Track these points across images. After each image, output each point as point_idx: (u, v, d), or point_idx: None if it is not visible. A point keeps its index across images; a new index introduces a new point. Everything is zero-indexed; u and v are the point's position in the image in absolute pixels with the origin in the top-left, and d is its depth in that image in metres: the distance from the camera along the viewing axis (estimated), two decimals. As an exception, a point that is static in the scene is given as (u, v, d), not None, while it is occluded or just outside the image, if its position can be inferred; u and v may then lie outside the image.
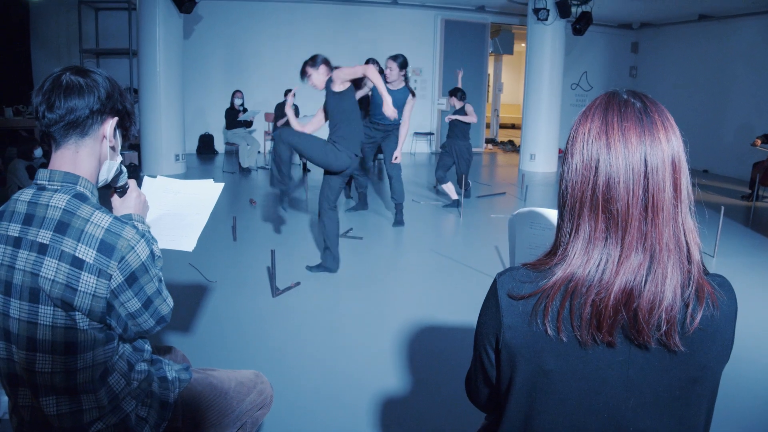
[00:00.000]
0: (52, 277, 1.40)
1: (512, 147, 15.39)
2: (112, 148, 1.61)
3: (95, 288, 1.41)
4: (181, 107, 9.91)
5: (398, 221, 6.79)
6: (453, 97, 8.03)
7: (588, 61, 14.37)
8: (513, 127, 20.58)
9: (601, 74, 14.63)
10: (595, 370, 1.12)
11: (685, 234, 1.11)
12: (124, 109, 1.60)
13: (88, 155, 1.54)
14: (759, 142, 8.88)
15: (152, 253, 1.52)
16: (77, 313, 1.42)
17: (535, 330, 1.13)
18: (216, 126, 12.34)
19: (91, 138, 1.53)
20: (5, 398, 2.39)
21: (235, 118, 10.42)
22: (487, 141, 15.53)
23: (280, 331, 3.86)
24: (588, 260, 1.11)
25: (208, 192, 2.07)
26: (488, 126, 16.51)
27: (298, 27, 12.47)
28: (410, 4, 12.91)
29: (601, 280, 1.09)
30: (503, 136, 17.43)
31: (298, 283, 4.65)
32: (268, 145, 12.05)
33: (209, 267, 4.88)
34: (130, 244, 1.45)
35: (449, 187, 7.91)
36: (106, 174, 1.62)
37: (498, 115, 17.35)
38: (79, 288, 1.40)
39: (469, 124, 7.97)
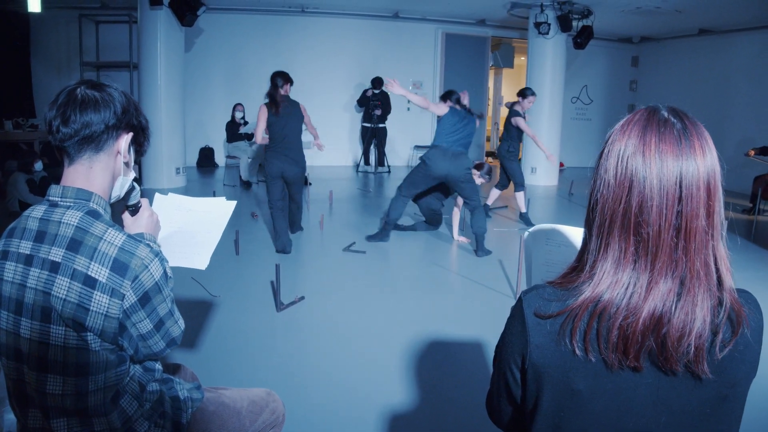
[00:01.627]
0: (64, 296, 1.36)
1: (512, 160, 15.36)
2: (126, 164, 1.58)
3: (107, 308, 1.37)
4: (181, 120, 9.91)
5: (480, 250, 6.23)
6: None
7: (588, 74, 14.39)
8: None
9: (601, 88, 14.66)
10: (625, 390, 1.10)
11: (716, 261, 1.09)
12: (139, 124, 1.58)
13: (102, 171, 1.51)
14: (753, 152, 8.91)
15: (165, 272, 1.49)
16: (89, 333, 1.38)
17: (563, 349, 1.11)
18: (216, 139, 12.33)
19: (105, 153, 1.50)
20: (10, 416, 2.35)
21: (236, 132, 10.42)
22: (488, 154, 15.53)
23: (286, 347, 3.82)
24: (616, 282, 1.09)
25: (220, 210, 2.05)
26: (488, 139, 16.51)
27: (300, 40, 12.50)
28: (411, 17, 12.95)
29: (629, 305, 1.07)
30: (503, 149, 17.42)
31: (302, 298, 4.61)
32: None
33: (212, 281, 4.84)
34: (144, 263, 1.42)
35: (519, 197, 7.97)
36: (119, 190, 1.60)
37: (498, 129, 17.34)
38: (92, 308, 1.37)
39: (516, 126, 7.69)
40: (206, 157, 12.42)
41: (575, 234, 1.70)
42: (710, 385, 1.09)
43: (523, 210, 7.99)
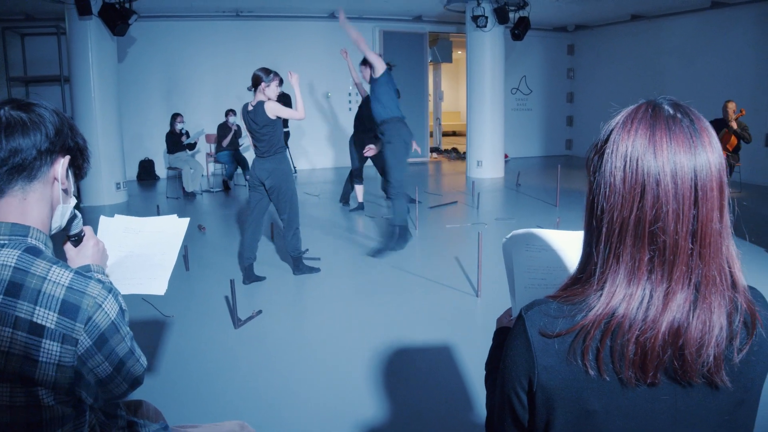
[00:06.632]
0: (6, 349, 1.18)
1: (457, 154, 15.41)
2: (65, 191, 1.41)
3: (59, 357, 1.21)
4: (119, 133, 9.54)
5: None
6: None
7: (526, 65, 14.55)
8: (454, 134, 20.67)
9: (539, 77, 14.84)
10: (642, 406, 1.04)
11: (728, 262, 1.03)
12: (76, 145, 1.40)
13: (38, 201, 1.33)
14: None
15: (121, 308, 1.33)
16: (40, 388, 1.21)
17: (574, 369, 1.03)
18: (156, 150, 11.93)
19: (40, 182, 1.32)
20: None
21: (177, 143, 10.09)
22: (432, 150, 15.53)
23: (250, 366, 3.65)
24: (631, 295, 1.01)
25: (172, 228, 1.89)
26: (431, 134, 16.53)
27: (237, 45, 12.21)
28: (348, 17, 12.69)
29: (646, 318, 0.99)
30: (445, 143, 17.48)
31: (259, 312, 4.44)
32: (211, 167, 11.73)
33: (164, 301, 4.60)
34: (97, 302, 1.26)
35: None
36: (60, 221, 1.42)
37: (440, 124, 17.40)
38: (41, 359, 1.20)
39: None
40: (146, 170, 12.01)
41: (554, 237, 1.63)
42: (727, 391, 1.03)
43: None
